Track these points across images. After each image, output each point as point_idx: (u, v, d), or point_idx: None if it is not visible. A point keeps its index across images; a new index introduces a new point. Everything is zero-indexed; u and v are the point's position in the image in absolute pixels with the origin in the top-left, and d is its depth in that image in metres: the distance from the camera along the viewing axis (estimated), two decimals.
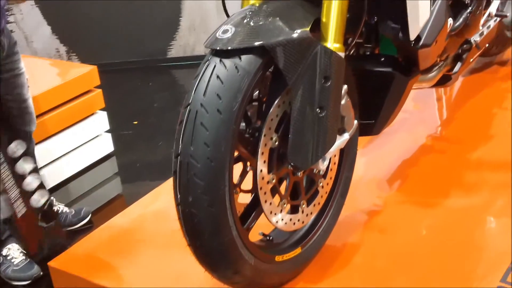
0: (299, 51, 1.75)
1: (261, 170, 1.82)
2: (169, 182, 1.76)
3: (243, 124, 1.82)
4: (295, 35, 1.74)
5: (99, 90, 3.80)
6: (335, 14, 1.83)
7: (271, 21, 1.75)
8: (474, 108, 3.16)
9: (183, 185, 1.68)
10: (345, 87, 1.91)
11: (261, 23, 1.75)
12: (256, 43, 1.69)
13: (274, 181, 1.87)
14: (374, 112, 2.21)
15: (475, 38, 2.66)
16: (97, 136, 3.84)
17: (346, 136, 1.98)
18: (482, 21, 2.68)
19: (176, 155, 1.69)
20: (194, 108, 1.67)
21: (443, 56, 2.48)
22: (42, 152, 3.43)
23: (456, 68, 2.64)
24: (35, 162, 2.92)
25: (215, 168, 1.65)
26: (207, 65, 1.71)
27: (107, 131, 3.92)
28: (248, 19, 1.76)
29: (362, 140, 2.27)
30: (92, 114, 3.80)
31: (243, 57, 1.69)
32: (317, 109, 1.79)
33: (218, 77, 1.67)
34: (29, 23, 5.23)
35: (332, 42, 1.83)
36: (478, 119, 3.07)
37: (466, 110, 3.15)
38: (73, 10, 5.18)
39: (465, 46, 2.63)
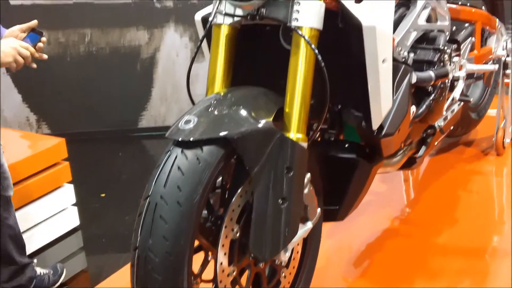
0: (261, 141, 1.74)
1: (221, 263, 1.79)
2: None
3: (205, 212, 1.80)
4: (257, 125, 1.74)
5: (66, 163, 3.77)
6: (298, 105, 1.84)
7: (234, 111, 1.75)
8: (439, 190, 3.18)
9: (140, 280, 1.64)
10: (308, 175, 1.91)
11: (224, 112, 1.74)
12: (218, 134, 1.68)
13: (234, 273, 1.84)
14: (339, 198, 2.19)
15: (439, 123, 2.67)
16: (63, 209, 3.78)
17: (309, 225, 1.97)
18: (445, 106, 2.70)
19: (134, 248, 1.66)
20: (154, 200, 1.64)
21: (407, 141, 2.49)
22: None
23: (421, 152, 2.65)
24: None
25: (173, 262, 1.62)
26: (168, 156, 1.70)
27: (74, 205, 3.86)
28: (212, 108, 1.76)
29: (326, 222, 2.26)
30: (59, 187, 3.76)
31: (205, 148, 1.68)
32: (279, 200, 1.78)
33: (179, 168, 1.66)
34: None
35: (295, 133, 1.83)
36: (444, 201, 3.08)
37: (432, 192, 3.16)
38: (44, 79, 5.17)
39: (429, 131, 2.64)
